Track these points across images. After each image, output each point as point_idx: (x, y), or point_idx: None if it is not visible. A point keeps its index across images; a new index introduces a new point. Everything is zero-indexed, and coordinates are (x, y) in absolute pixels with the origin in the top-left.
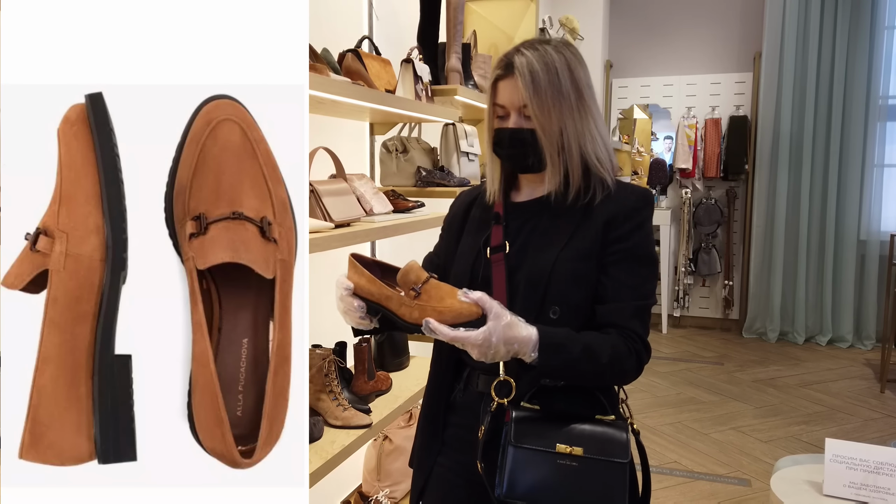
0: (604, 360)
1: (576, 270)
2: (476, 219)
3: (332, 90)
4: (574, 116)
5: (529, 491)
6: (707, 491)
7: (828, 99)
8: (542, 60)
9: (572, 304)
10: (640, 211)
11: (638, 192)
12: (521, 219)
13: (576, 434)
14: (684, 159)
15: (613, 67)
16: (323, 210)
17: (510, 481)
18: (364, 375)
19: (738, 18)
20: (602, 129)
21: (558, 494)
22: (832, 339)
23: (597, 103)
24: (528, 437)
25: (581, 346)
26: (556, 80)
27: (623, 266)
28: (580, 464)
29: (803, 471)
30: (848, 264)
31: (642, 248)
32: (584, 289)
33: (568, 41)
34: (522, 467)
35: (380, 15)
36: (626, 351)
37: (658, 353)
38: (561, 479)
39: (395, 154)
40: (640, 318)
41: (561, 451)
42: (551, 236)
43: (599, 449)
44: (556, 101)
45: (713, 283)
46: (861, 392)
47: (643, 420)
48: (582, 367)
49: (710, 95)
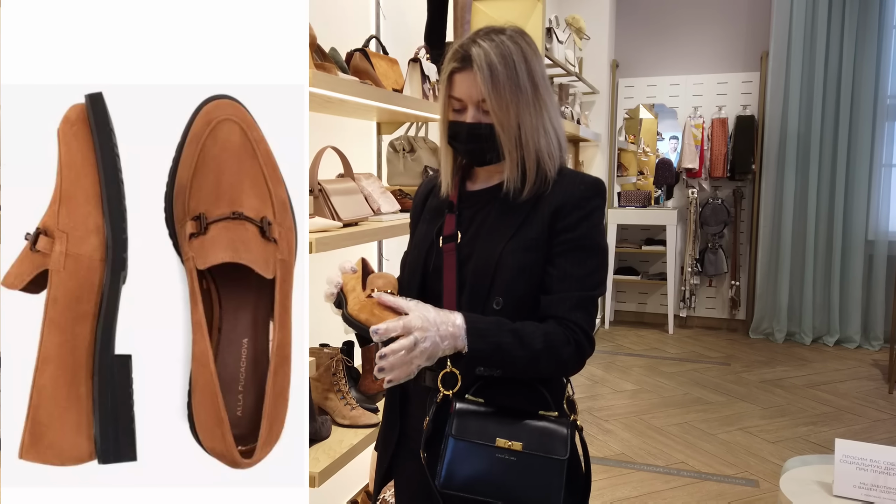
0: (537, 347)
1: (521, 261)
2: (432, 207)
3: (340, 89)
4: (530, 111)
5: (467, 482)
6: (715, 491)
7: (835, 98)
8: (499, 53)
9: (516, 295)
10: (589, 200)
11: (588, 182)
12: (474, 208)
13: (516, 429)
14: (691, 159)
15: (620, 67)
16: (331, 209)
17: (449, 472)
18: (372, 374)
19: (744, 18)
20: (556, 119)
21: (496, 487)
22: (840, 339)
23: (550, 92)
24: (469, 429)
25: (509, 330)
26: (514, 74)
27: (569, 256)
28: (518, 458)
29: (812, 471)
30: (856, 264)
31: (590, 239)
32: (529, 280)
33: (522, 30)
34: (462, 459)
35: (387, 14)
36: (563, 339)
37: (664, 354)
38: (499, 473)
39: (403, 153)
40: (584, 308)
41: (500, 445)
42: (500, 226)
43: (538, 445)
44: (514, 96)
45: (720, 283)
46: (869, 393)
47: (650, 420)
48: (514, 353)
49: (717, 95)
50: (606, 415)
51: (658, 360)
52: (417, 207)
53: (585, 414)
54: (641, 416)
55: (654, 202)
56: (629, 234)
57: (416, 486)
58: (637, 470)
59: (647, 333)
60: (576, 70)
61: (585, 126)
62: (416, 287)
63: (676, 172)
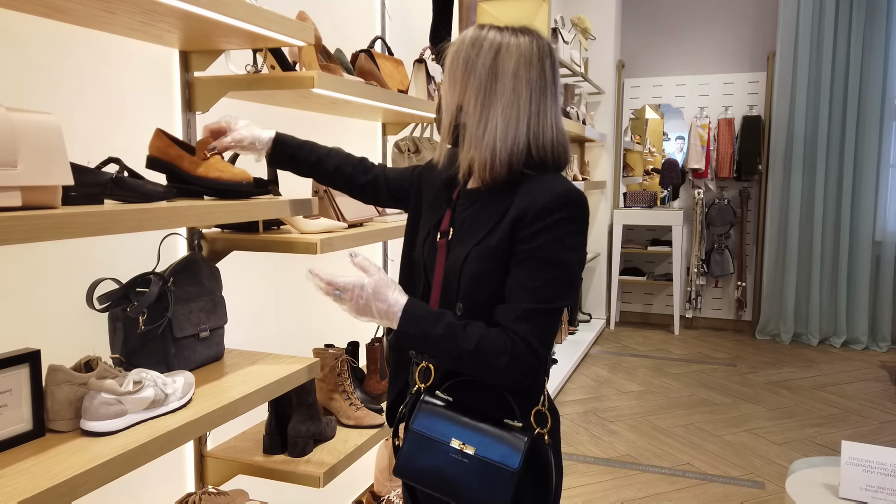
0: (467, 346)
1: (478, 269)
2: (434, 190)
3: (345, 90)
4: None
5: (418, 474)
6: (720, 493)
7: (842, 99)
8: (474, 37)
9: (474, 302)
10: (552, 212)
11: (557, 192)
12: (464, 206)
13: (474, 432)
14: (697, 159)
15: (625, 67)
16: (336, 210)
17: (404, 461)
18: (376, 375)
19: (751, 18)
20: (514, 119)
21: (445, 485)
22: (847, 340)
23: (522, 94)
24: (430, 424)
25: (445, 324)
26: (473, 57)
27: (523, 267)
28: (470, 461)
29: (819, 473)
30: (863, 265)
31: (547, 251)
32: (485, 288)
33: (530, 30)
34: (417, 451)
35: (392, 15)
36: (499, 348)
37: (670, 355)
38: (450, 472)
39: (408, 154)
40: (531, 320)
41: (455, 445)
42: (473, 230)
43: (491, 451)
44: (463, 76)
45: (726, 284)
46: (876, 394)
47: (655, 422)
48: (442, 345)
49: (724, 95)
50: (611, 416)
51: (664, 360)
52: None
53: (590, 415)
54: (647, 417)
55: (659, 202)
56: (635, 234)
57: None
58: (642, 471)
59: (652, 334)
60: (581, 70)
61: (591, 126)
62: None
63: (682, 173)
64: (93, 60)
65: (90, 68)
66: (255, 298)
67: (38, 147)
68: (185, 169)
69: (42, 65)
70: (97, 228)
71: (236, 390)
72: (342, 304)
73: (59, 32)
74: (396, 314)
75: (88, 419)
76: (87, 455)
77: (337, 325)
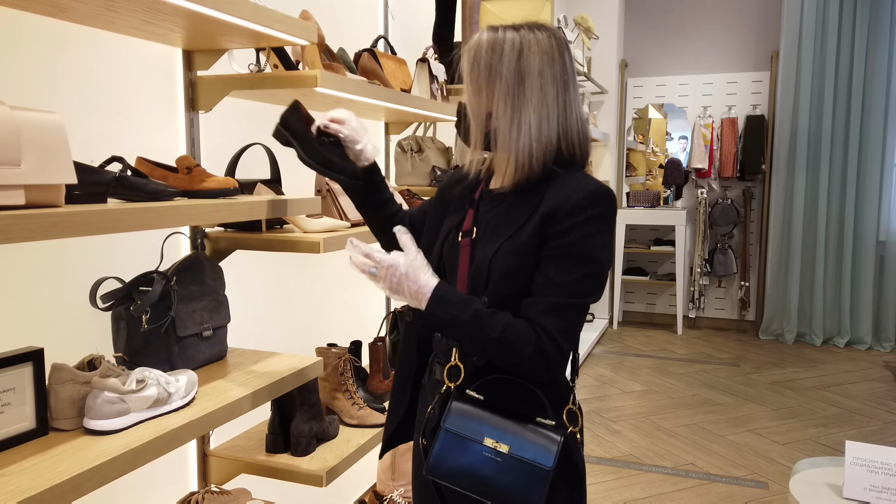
0: (493, 334)
1: (509, 265)
2: (457, 198)
3: (348, 89)
4: (506, 101)
5: (451, 474)
6: (724, 493)
7: (846, 98)
8: (492, 39)
9: (501, 297)
10: (585, 209)
11: (588, 189)
12: (488, 206)
13: (507, 431)
14: (700, 159)
15: (629, 67)
16: (339, 209)
17: (436, 461)
18: (379, 374)
19: (755, 17)
20: (546, 117)
21: (479, 483)
22: (850, 340)
23: (547, 91)
24: (462, 423)
25: (473, 311)
26: (497, 62)
27: (554, 262)
28: (504, 460)
29: (822, 473)
30: (867, 265)
31: (578, 247)
32: (514, 284)
33: (544, 25)
34: (450, 450)
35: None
36: (524, 339)
37: (673, 355)
38: (483, 470)
39: (410, 153)
40: (558, 314)
41: (488, 444)
42: (502, 228)
43: (525, 450)
44: (488, 83)
45: (729, 283)
46: (880, 394)
47: (658, 422)
48: (468, 331)
49: (727, 95)
50: (615, 416)
51: (667, 360)
52: (449, 185)
53: (594, 415)
54: (650, 417)
55: (663, 202)
56: (638, 234)
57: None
58: (645, 471)
59: (655, 334)
60: (584, 70)
61: (594, 126)
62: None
63: (686, 172)
64: (96, 59)
65: (93, 67)
66: (257, 297)
67: (41, 146)
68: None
69: (45, 64)
70: (100, 227)
71: (239, 389)
72: (376, 281)
73: (62, 31)
74: (426, 296)
75: (91, 418)
76: (90, 454)
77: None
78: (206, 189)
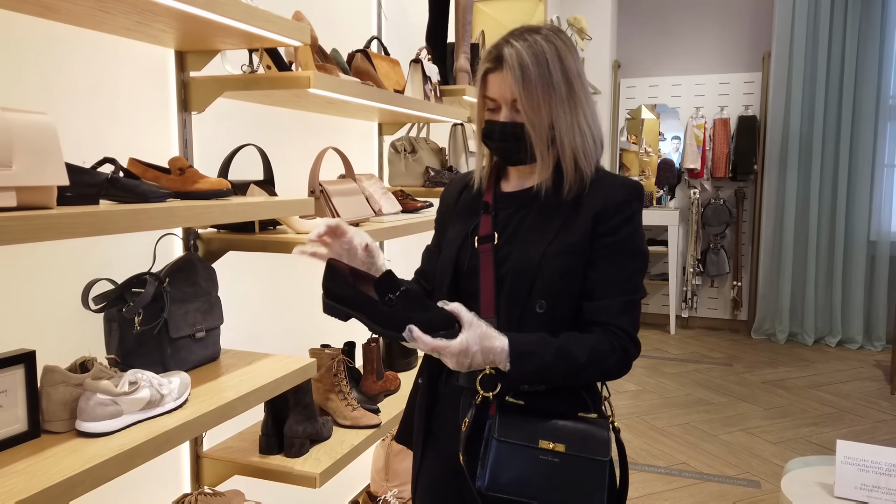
0: (581, 361)
1: (563, 265)
2: (465, 206)
3: (342, 90)
4: (564, 109)
5: (511, 484)
6: (716, 492)
7: (837, 99)
8: (531, 52)
9: (558, 298)
10: (630, 204)
11: (628, 185)
12: (509, 209)
13: (558, 431)
14: (693, 159)
15: (622, 67)
16: (332, 210)
17: (493, 474)
18: (373, 375)
19: (747, 18)
20: (591, 117)
21: (539, 489)
22: (842, 340)
23: (587, 89)
24: (511, 431)
25: (554, 349)
26: (547, 73)
27: (611, 260)
28: (561, 460)
29: (814, 472)
30: (858, 265)
31: (631, 242)
32: (570, 283)
33: (558, 27)
34: (505, 461)
35: (389, 15)
36: (608, 348)
37: (666, 354)
38: (542, 474)
39: (404, 154)
40: (629, 313)
41: (543, 446)
42: (540, 229)
43: (581, 446)
44: (546, 95)
45: (722, 283)
46: (871, 394)
47: (651, 421)
48: (557, 370)
49: (719, 95)
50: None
51: (660, 360)
52: (449, 206)
53: None
54: (643, 416)
55: (655, 202)
56: None
57: (443, 487)
58: (638, 471)
59: (648, 334)
60: None
61: None
62: (446, 285)
63: (678, 173)
64: (88, 60)
65: (86, 68)
66: (251, 299)
67: (33, 147)
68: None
69: (37, 65)
70: (93, 229)
71: (232, 391)
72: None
73: (54, 32)
74: (505, 360)
75: (84, 420)
76: (83, 456)
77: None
78: (198, 190)
